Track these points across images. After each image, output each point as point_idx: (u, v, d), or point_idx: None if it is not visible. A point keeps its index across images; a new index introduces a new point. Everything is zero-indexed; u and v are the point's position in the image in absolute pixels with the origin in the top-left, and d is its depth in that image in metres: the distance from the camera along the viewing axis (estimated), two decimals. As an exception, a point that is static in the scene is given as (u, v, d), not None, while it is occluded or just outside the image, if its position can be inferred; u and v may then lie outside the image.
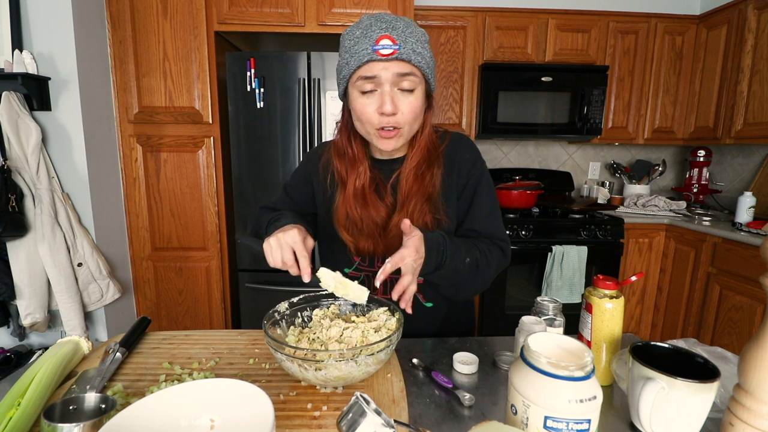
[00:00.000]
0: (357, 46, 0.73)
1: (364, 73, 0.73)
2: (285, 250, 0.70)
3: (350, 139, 0.84)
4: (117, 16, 1.94)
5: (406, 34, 0.72)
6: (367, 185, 0.83)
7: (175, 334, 0.83)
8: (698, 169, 2.66)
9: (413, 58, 0.72)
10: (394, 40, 0.71)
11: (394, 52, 0.71)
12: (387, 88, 0.73)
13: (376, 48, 0.71)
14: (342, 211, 0.84)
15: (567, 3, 2.46)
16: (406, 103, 0.75)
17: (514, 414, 0.49)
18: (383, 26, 0.72)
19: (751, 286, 1.88)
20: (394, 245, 0.81)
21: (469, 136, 2.51)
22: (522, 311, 0.86)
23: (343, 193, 0.84)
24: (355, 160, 0.84)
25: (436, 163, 0.84)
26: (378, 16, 0.74)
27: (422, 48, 0.74)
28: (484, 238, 0.85)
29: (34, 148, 1.63)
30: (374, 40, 0.71)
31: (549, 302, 0.76)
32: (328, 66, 1.97)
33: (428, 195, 0.82)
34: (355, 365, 0.59)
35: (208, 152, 2.07)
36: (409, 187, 0.82)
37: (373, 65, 0.72)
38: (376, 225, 0.83)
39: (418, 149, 0.82)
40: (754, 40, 2.16)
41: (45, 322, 1.74)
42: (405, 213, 0.81)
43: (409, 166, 0.82)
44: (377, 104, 0.74)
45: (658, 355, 0.58)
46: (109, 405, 0.52)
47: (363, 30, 0.73)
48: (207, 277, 2.16)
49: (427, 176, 0.82)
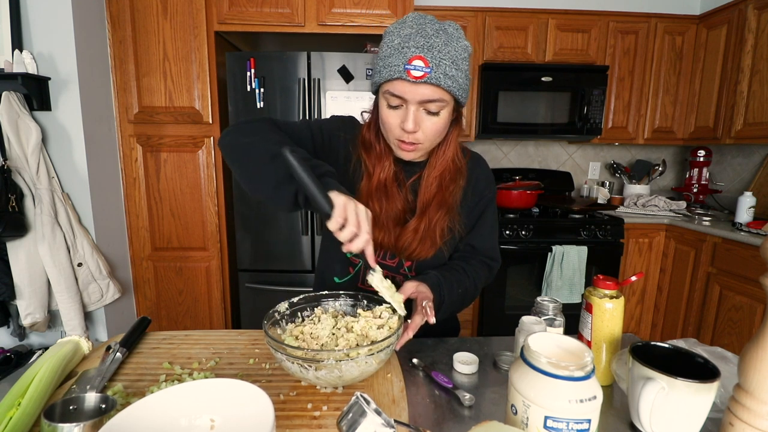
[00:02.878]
0: (391, 58, 0.71)
1: (392, 90, 0.72)
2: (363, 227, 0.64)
3: (378, 136, 0.84)
4: (117, 16, 1.94)
5: (441, 54, 0.69)
6: (390, 179, 0.84)
7: (175, 334, 0.83)
8: (698, 169, 2.66)
9: (443, 82, 0.70)
10: (426, 62, 0.68)
11: (425, 75, 0.69)
12: (412, 108, 0.73)
13: (408, 68, 0.69)
14: (365, 200, 0.84)
15: (567, 3, 2.46)
16: (429, 124, 0.75)
17: (514, 414, 0.49)
18: (420, 43, 0.69)
19: (751, 286, 1.88)
20: (406, 244, 0.83)
21: (468, 136, 2.52)
22: (522, 311, 0.86)
23: (368, 183, 0.84)
24: (381, 155, 0.84)
25: (460, 176, 0.86)
26: (420, 26, 0.71)
27: (456, 69, 0.71)
28: (479, 255, 0.91)
29: (34, 148, 1.63)
30: (408, 58, 0.69)
31: (549, 302, 0.76)
32: (328, 66, 1.97)
33: (449, 206, 0.84)
34: (355, 365, 0.59)
35: (208, 152, 2.07)
36: (431, 195, 0.83)
37: (402, 84, 0.71)
38: (392, 218, 0.84)
39: (443, 161, 0.83)
40: (754, 40, 2.16)
41: (45, 322, 1.74)
42: (425, 219, 0.83)
43: (433, 174, 0.84)
44: (401, 119, 0.75)
45: (658, 355, 0.58)
46: (109, 405, 0.52)
47: (401, 41, 0.71)
48: (207, 277, 2.16)
49: (450, 187, 0.84)
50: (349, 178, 0.87)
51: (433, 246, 0.84)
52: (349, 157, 0.87)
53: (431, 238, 0.83)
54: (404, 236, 0.83)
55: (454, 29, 0.73)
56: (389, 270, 0.89)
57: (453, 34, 0.72)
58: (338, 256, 0.91)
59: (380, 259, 0.89)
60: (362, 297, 0.79)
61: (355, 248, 0.65)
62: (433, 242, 0.83)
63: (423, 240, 0.83)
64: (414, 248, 0.83)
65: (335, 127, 0.88)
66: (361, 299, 0.79)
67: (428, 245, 0.83)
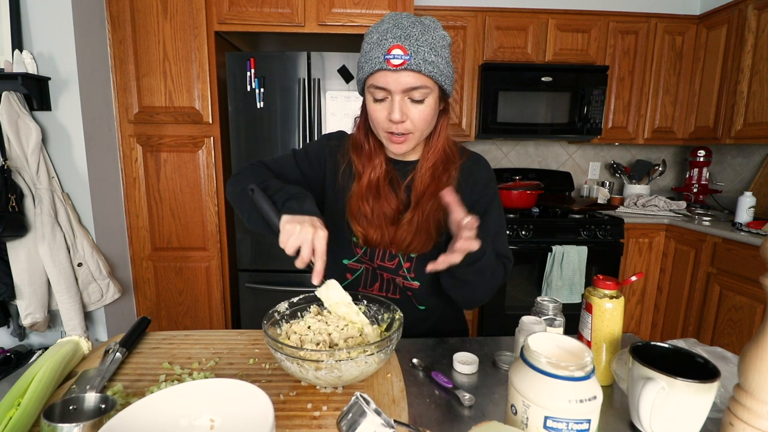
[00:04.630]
0: (371, 53, 0.73)
1: (375, 82, 0.74)
2: (306, 244, 0.66)
3: (367, 135, 0.85)
4: (117, 16, 1.94)
5: (420, 42, 0.71)
6: (382, 178, 0.84)
7: (175, 334, 0.83)
8: (698, 169, 2.66)
9: (424, 68, 0.71)
10: (405, 50, 0.70)
11: (404, 62, 0.70)
12: (397, 98, 0.74)
13: (388, 57, 0.71)
14: (355, 202, 0.84)
15: (567, 3, 2.46)
16: (415, 112, 0.75)
17: (514, 414, 0.49)
18: (398, 34, 0.71)
19: (751, 286, 1.88)
20: (401, 239, 0.83)
21: (469, 136, 2.52)
22: (522, 311, 0.86)
23: (357, 185, 0.85)
24: (371, 155, 0.85)
25: (453, 166, 0.85)
26: (397, 21, 0.73)
27: (436, 56, 0.72)
28: None
29: (34, 148, 1.63)
30: (386, 48, 0.71)
31: (549, 302, 0.76)
32: (328, 66, 1.97)
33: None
34: (355, 365, 0.59)
35: (208, 152, 2.07)
36: (425, 187, 0.83)
37: (384, 75, 0.73)
38: (386, 217, 0.84)
39: (435, 151, 0.84)
40: (754, 40, 2.16)
41: (45, 322, 1.74)
42: (420, 211, 0.82)
43: (425, 166, 0.84)
44: (387, 111, 0.76)
45: (658, 355, 0.58)
46: (109, 405, 0.52)
47: (380, 35, 0.73)
48: (207, 277, 2.16)
49: (443, 177, 0.84)
50: (339, 186, 0.88)
51: (430, 239, 0.83)
52: (338, 167, 0.89)
53: (426, 230, 0.82)
54: (399, 231, 0.83)
55: (431, 21, 0.75)
56: (388, 272, 0.89)
57: (429, 25, 0.74)
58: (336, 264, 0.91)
59: (380, 262, 0.88)
60: (362, 297, 0.79)
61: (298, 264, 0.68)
62: (429, 235, 0.83)
63: (418, 232, 0.82)
64: (410, 241, 0.83)
65: (321, 144, 0.93)
66: (360, 299, 0.79)
67: (424, 238, 0.83)
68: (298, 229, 0.67)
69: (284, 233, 0.67)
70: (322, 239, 0.68)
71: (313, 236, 0.67)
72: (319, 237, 0.67)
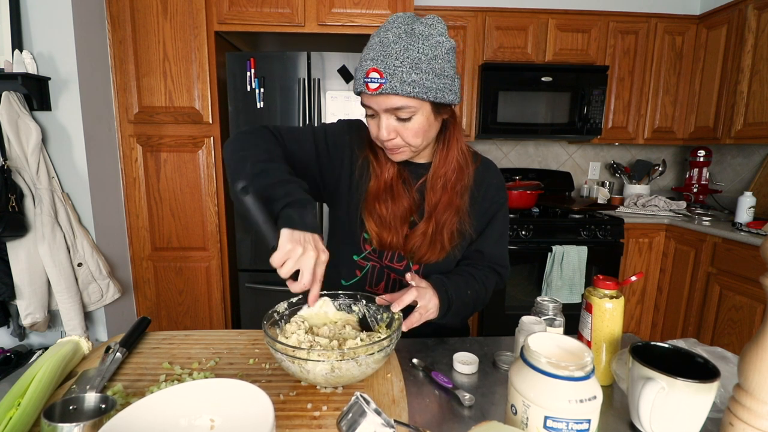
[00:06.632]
0: (357, 72, 0.73)
1: (362, 101, 0.75)
2: (307, 271, 0.61)
3: None
4: (117, 16, 1.94)
5: (399, 61, 0.67)
6: (395, 178, 0.84)
7: (175, 334, 0.83)
8: (698, 169, 2.66)
9: (401, 89, 0.68)
10: (381, 73, 0.68)
11: (380, 86, 0.69)
12: (383, 117, 0.73)
13: (366, 81, 0.70)
14: (371, 201, 0.84)
15: (567, 3, 2.46)
16: (403, 129, 0.74)
17: (514, 414, 0.49)
18: (378, 54, 0.69)
19: (751, 286, 1.88)
20: (414, 244, 0.83)
21: (469, 136, 2.52)
22: (522, 311, 0.86)
23: (376, 184, 0.84)
24: (385, 156, 0.84)
25: (466, 173, 0.85)
26: (383, 36, 0.70)
27: (418, 73, 0.68)
28: (487, 261, 0.89)
29: (34, 148, 1.63)
30: (365, 71, 0.70)
31: (549, 302, 0.76)
32: (328, 66, 1.97)
33: (457, 207, 0.84)
34: (355, 365, 0.59)
35: (208, 152, 2.07)
36: (438, 198, 0.83)
37: (366, 97, 0.73)
38: (399, 218, 0.84)
39: (447, 161, 0.83)
40: (754, 40, 2.16)
41: (45, 322, 1.74)
42: (433, 222, 0.82)
43: (437, 175, 0.83)
44: (377, 127, 0.76)
45: (658, 355, 0.58)
46: (109, 405, 0.52)
47: (365, 53, 0.72)
48: (207, 277, 2.16)
49: (457, 187, 0.83)
50: (355, 181, 0.87)
51: (443, 250, 0.84)
52: (355, 159, 0.87)
53: (440, 241, 0.83)
54: (412, 239, 0.83)
55: (426, 27, 0.70)
56: (397, 273, 0.89)
57: (421, 33, 0.69)
58: (345, 259, 0.91)
59: (388, 262, 0.88)
60: (361, 297, 0.79)
61: (295, 288, 0.63)
62: (442, 246, 0.83)
63: (432, 243, 0.83)
64: (423, 252, 0.83)
65: (342, 131, 0.88)
66: (360, 299, 0.79)
67: (438, 249, 0.83)
68: (300, 252, 0.61)
69: (282, 253, 0.60)
70: (323, 265, 0.64)
71: (315, 262, 0.62)
72: (321, 263, 0.63)
